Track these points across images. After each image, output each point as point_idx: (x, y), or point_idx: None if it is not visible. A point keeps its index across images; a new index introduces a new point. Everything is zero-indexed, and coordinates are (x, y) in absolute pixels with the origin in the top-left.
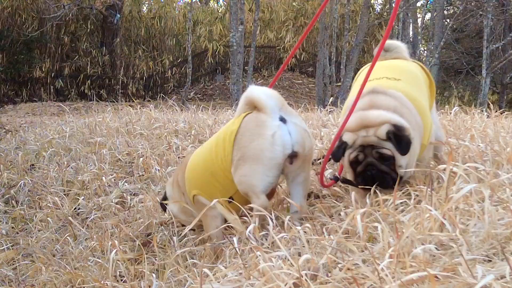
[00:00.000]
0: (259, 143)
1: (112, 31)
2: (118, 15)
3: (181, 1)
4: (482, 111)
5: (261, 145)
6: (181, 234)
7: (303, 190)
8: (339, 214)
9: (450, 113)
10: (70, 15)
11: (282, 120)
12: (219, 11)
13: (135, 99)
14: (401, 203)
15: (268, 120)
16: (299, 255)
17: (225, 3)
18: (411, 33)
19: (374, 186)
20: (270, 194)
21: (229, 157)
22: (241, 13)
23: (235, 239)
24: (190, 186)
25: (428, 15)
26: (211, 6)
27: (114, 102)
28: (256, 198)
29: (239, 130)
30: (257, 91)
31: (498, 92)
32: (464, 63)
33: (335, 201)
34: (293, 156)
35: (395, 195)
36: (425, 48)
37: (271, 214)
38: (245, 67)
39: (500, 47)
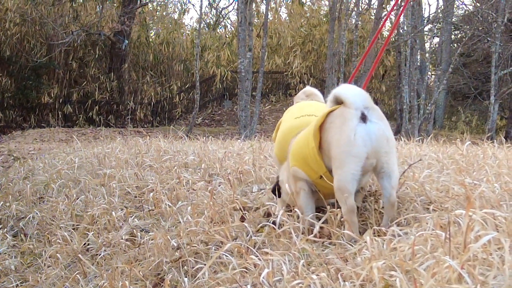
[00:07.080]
0: None
1: (120, 57)
2: (126, 41)
3: None
4: (493, 141)
5: None
6: (193, 275)
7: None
8: (354, 258)
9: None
10: (78, 41)
11: None
12: (227, 36)
13: (143, 125)
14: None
15: None
16: None
17: (233, 29)
18: (418, 58)
19: None
20: None
21: None
22: (249, 40)
23: (249, 286)
24: None
25: (436, 40)
26: (218, 32)
27: (122, 128)
28: None
29: None
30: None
31: (506, 118)
32: (472, 88)
33: (348, 243)
34: None
35: (413, 243)
36: (433, 73)
37: (284, 257)
38: (253, 93)
39: (508, 73)
